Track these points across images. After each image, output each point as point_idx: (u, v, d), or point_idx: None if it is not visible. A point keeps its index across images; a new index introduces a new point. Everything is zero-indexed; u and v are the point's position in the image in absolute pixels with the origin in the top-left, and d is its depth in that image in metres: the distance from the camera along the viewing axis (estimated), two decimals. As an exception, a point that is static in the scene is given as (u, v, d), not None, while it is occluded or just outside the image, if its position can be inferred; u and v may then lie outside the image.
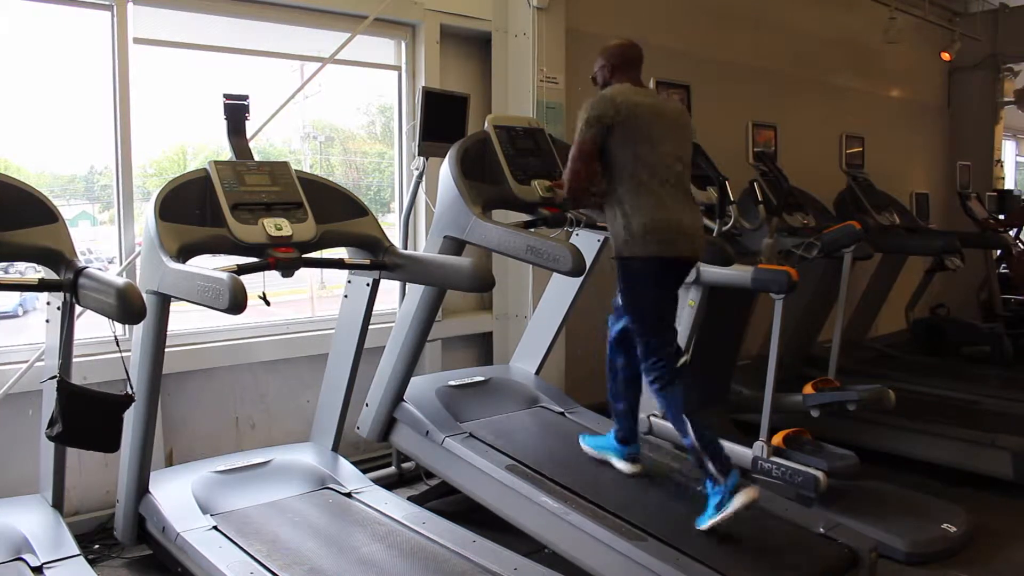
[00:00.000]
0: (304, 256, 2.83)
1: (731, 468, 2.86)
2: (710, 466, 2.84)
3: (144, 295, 2.25)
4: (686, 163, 3.09)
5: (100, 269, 2.48)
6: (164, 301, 2.62)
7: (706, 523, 2.81)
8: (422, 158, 3.66)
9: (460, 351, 4.59)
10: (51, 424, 2.37)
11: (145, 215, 2.70)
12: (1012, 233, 7.08)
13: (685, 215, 2.99)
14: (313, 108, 4.32)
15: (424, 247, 3.54)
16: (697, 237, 3.04)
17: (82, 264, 2.45)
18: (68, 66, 3.43)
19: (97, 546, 3.18)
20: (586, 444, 3.36)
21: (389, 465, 4.00)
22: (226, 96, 2.97)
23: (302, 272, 2.92)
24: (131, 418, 2.67)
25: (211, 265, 2.58)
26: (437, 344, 4.35)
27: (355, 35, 3.85)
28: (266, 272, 2.78)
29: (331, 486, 3.18)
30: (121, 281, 2.23)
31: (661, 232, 2.91)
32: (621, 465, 3.22)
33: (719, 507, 2.79)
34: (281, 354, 3.87)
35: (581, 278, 3.50)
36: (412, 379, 3.56)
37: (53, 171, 3.57)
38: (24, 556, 2.53)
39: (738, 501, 2.78)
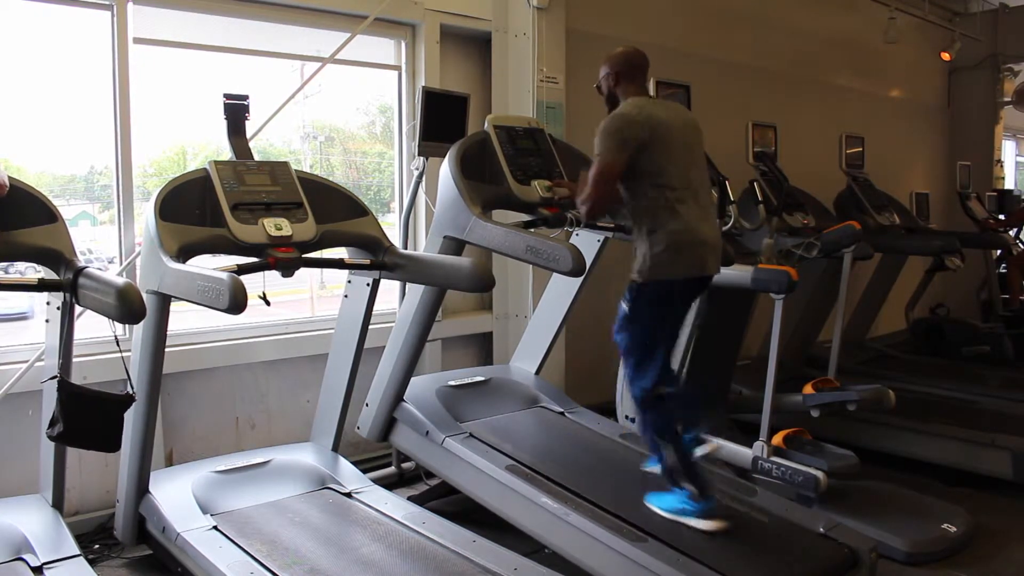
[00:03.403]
0: (304, 256, 2.83)
1: (711, 493, 2.86)
2: (688, 486, 2.86)
3: (144, 295, 2.25)
4: (704, 174, 3.07)
5: (100, 269, 2.48)
6: (164, 301, 2.62)
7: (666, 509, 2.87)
8: (422, 158, 3.66)
9: (460, 351, 4.58)
10: (51, 424, 2.38)
11: (145, 215, 2.70)
12: (1012, 233, 7.08)
13: (707, 229, 2.97)
14: (313, 108, 4.32)
15: (424, 247, 3.53)
16: (719, 250, 3.02)
17: (82, 264, 2.45)
18: (68, 66, 3.43)
19: (97, 546, 3.18)
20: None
21: (389, 465, 4.00)
22: (226, 96, 2.97)
23: (302, 272, 2.92)
24: (131, 418, 2.67)
25: (211, 265, 2.58)
26: (437, 344, 4.35)
27: (355, 35, 3.85)
28: (266, 272, 2.78)
29: (331, 486, 3.18)
30: (121, 281, 2.24)
31: (687, 248, 2.87)
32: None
33: (682, 513, 2.84)
34: (281, 354, 3.87)
35: (581, 278, 3.50)
36: (412, 379, 3.56)
37: (53, 171, 3.58)
38: (24, 556, 2.54)
39: (703, 525, 2.81)
